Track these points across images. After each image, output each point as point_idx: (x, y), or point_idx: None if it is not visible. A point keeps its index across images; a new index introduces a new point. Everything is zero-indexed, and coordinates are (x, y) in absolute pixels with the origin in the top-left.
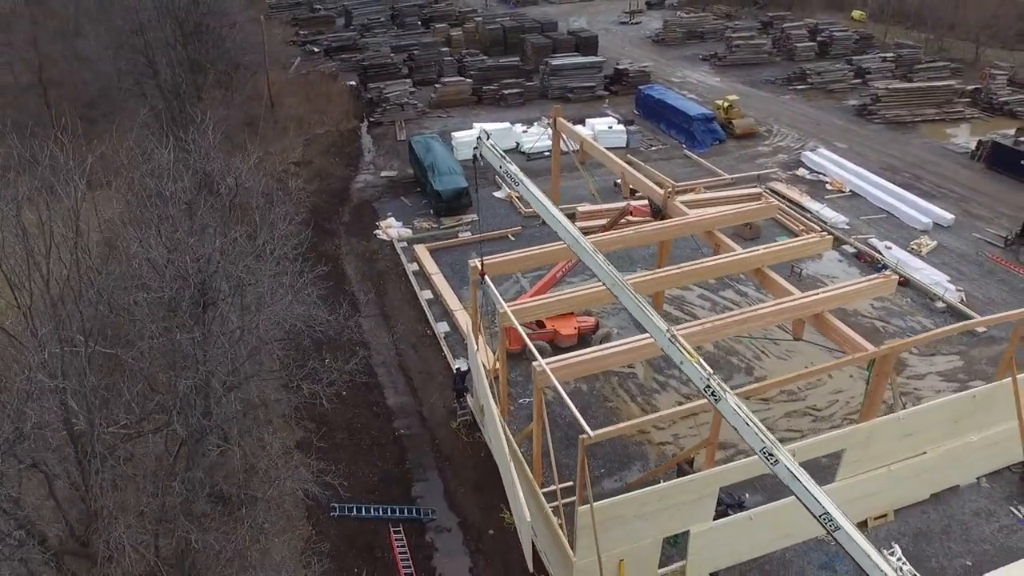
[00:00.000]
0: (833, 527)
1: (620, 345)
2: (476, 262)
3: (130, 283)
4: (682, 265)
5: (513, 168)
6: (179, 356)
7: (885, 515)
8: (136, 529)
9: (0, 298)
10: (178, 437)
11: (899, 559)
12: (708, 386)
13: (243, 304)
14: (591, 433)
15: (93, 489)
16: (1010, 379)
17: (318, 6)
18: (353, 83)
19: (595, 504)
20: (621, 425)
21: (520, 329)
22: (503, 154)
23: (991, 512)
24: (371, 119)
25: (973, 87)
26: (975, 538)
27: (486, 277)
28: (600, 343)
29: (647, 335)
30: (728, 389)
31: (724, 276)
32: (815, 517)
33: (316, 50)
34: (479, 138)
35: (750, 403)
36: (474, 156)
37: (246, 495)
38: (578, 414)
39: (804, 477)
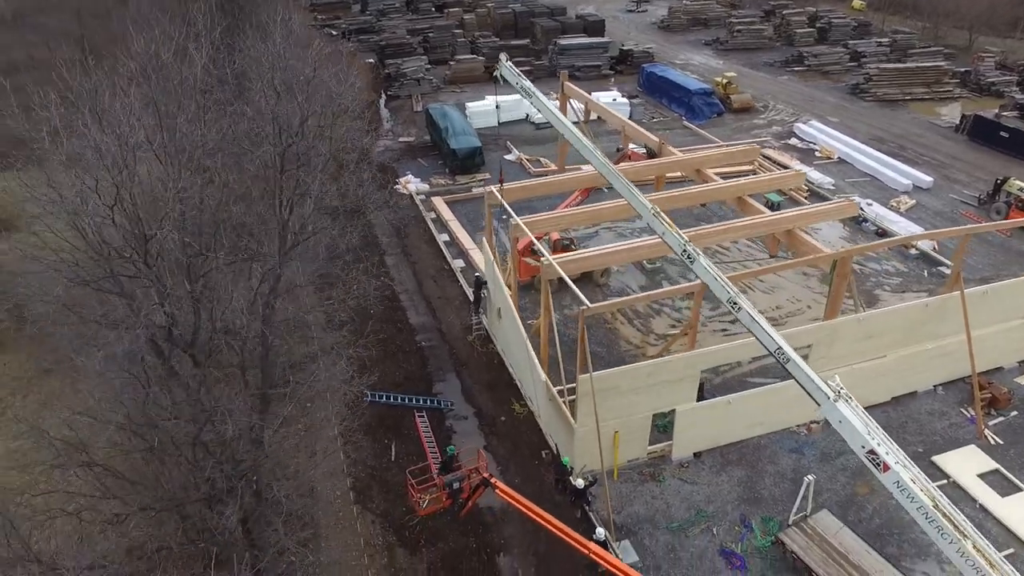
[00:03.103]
0: (784, 359)
1: (618, 246)
2: (492, 188)
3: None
4: (672, 191)
5: (528, 84)
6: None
7: None
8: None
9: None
10: (267, 265)
11: (837, 385)
12: (685, 250)
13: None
14: (589, 304)
15: (202, 301)
16: (958, 292)
17: None
18: (372, 60)
19: (593, 373)
20: (616, 300)
21: (530, 235)
22: (520, 72)
23: (943, 412)
24: (388, 93)
25: (963, 70)
26: (927, 432)
27: (501, 196)
28: (601, 277)
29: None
30: (701, 252)
31: (711, 202)
32: (770, 352)
33: (334, 33)
34: (500, 60)
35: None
36: (495, 77)
37: (294, 379)
38: (579, 292)
39: (762, 320)
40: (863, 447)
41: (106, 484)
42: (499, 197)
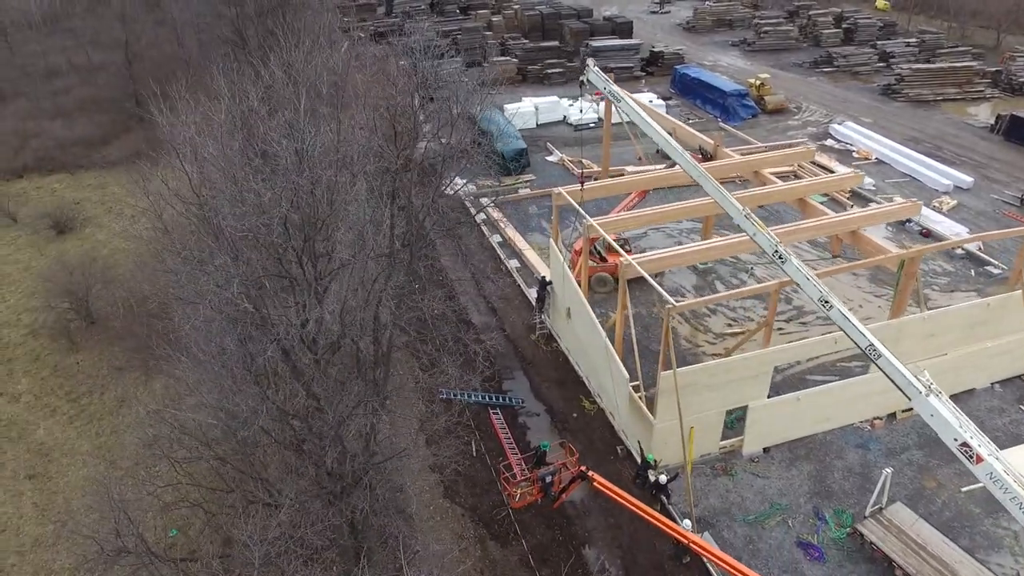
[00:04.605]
0: (876, 355)
1: (694, 246)
2: (560, 189)
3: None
4: (736, 192)
5: (615, 88)
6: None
7: (911, 409)
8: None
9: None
10: (384, 263)
11: (928, 380)
12: (776, 251)
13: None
14: (673, 303)
15: (324, 302)
16: (1020, 291)
17: None
18: (405, 63)
19: (677, 370)
20: (700, 299)
21: (606, 235)
22: (607, 78)
23: (1003, 410)
24: (424, 96)
25: (994, 69)
26: (988, 428)
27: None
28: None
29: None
30: (792, 253)
31: (770, 204)
32: (861, 349)
33: (361, 35)
34: (586, 64)
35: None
36: (581, 82)
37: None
38: (661, 289)
39: (853, 318)
40: (955, 439)
41: (225, 478)
42: (567, 198)
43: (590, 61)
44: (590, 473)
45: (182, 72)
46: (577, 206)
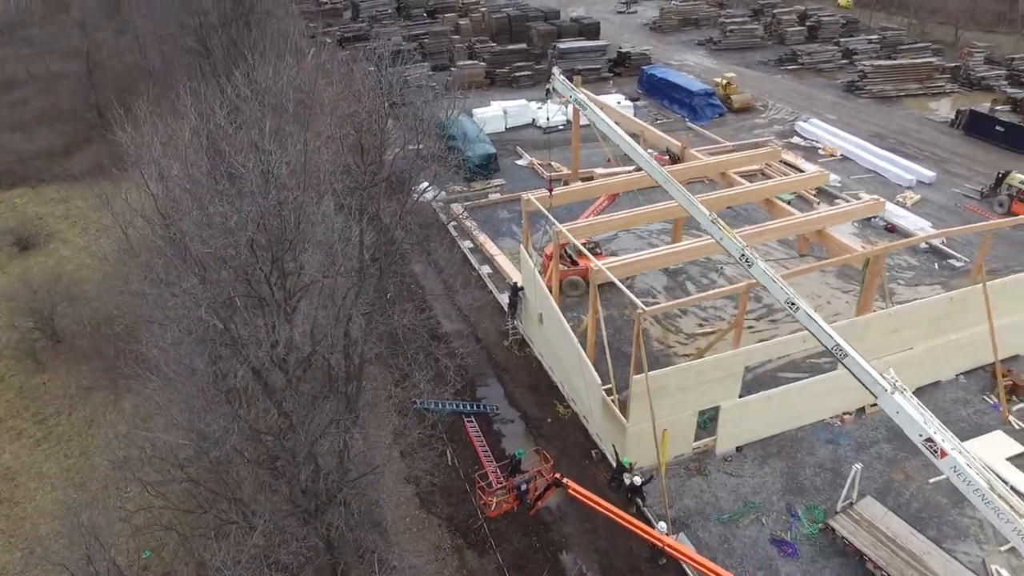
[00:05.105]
0: (842, 354)
1: (664, 250)
2: (529, 195)
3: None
4: (702, 195)
5: (581, 95)
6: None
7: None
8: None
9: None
10: (354, 279)
11: (893, 377)
12: (743, 254)
13: None
14: (643, 307)
15: (294, 320)
16: (981, 284)
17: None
18: (373, 68)
19: (648, 373)
20: (671, 302)
21: (576, 242)
22: (573, 86)
23: (967, 400)
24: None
25: (953, 64)
26: (954, 419)
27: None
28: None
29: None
30: (758, 257)
31: (738, 205)
32: (828, 349)
33: (328, 40)
34: (551, 73)
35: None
36: (547, 90)
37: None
38: (631, 294)
39: (819, 319)
40: (920, 435)
41: (198, 499)
42: (536, 204)
43: (555, 69)
44: (564, 480)
45: (145, 83)
46: (546, 212)
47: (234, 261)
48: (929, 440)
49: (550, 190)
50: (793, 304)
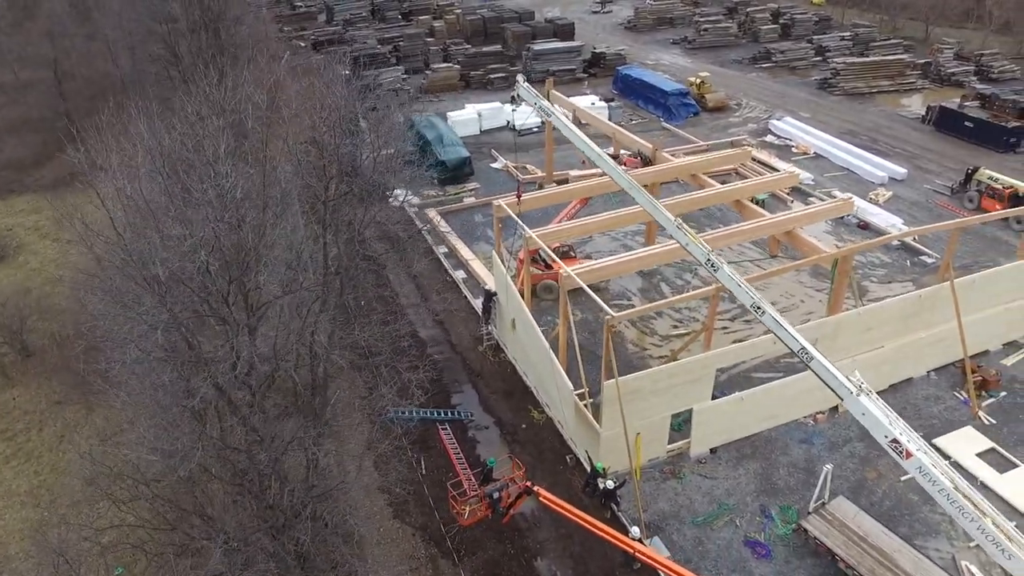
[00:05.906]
0: (808, 358)
1: (636, 254)
2: (500, 201)
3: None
4: (674, 197)
5: (545, 103)
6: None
7: None
8: (288, 363)
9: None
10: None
11: (858, 380)
12: (709, 259)
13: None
14: (613, 314)
15: (257, 337)
16: (949, 282)
17: (299, 3)
18: (346, 72)
19: (619, 379)
20: (640, 307)
21: (546, 248)
22: (537, 93)
23: (938, 397)
24: (367, 105)
25: (924, 61)
26: (925, 416)
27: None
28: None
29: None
30: (724, 262)
31: (709, 207)
32: (794, 352)
33: (303, 44)
34: (517, 80)
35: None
36: (512, 97)
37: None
38: (600, 301)
39: (785, 322)
40: (886, 436)
41: (166, 516)
42: (507, 210)
43: (519, 77)
44: (536, 488)
45: (113, 92)
46: (516, 218)
47: (192, 283)
48: (895, 441)
49: (518, 197)
50: (759, 308)
